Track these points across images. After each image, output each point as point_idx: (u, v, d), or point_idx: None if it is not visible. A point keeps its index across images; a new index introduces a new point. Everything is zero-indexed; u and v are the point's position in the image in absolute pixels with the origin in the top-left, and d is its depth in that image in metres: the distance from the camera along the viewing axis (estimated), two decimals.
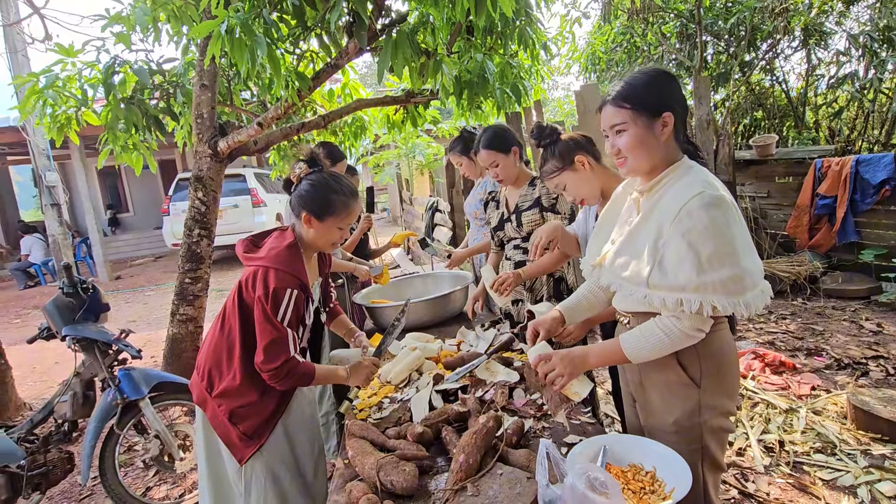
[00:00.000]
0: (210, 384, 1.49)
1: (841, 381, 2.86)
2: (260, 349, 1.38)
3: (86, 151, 9.45)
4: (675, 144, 1.15)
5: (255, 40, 2.44)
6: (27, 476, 2.05)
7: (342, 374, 1.52)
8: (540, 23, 3.43)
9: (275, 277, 1.38)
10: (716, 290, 1.01)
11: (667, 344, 1.09)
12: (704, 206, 1.01)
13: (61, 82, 3.50)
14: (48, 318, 2.24)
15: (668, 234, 1.06)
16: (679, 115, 1.12)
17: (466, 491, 1.05)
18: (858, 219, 4.43)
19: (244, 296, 1.44)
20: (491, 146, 2.02)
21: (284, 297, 1.38)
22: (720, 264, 1.01)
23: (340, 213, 1.49)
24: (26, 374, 4.54)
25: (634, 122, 1.11)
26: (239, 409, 1.45)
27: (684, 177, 1.11)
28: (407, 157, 8.93)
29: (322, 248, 1.56)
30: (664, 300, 1.05)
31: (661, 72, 1.15)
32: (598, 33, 7.48)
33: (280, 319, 1.38)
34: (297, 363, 1.41)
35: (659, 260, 1.07)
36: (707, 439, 1.15)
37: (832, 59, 6.39)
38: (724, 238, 1.01)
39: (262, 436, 1.46)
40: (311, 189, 1.49)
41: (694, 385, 1.14)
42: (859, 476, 2.04)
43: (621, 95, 1.12)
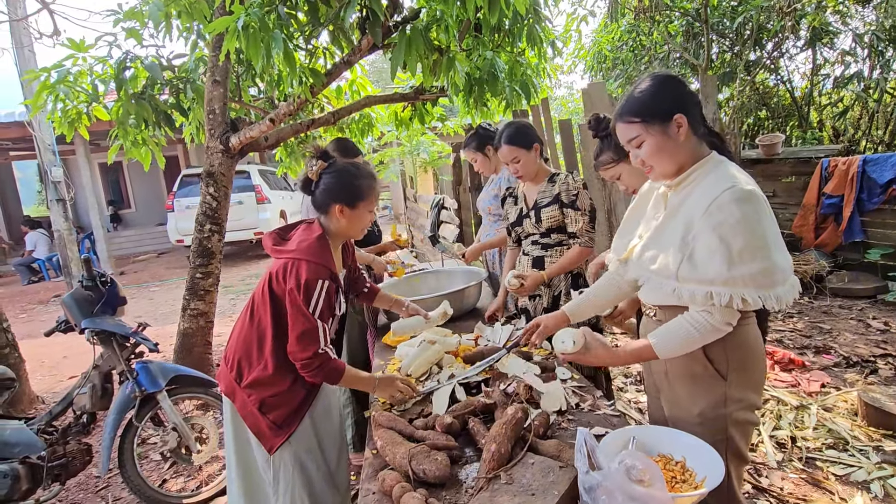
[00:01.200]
0: (239, 374, 1.50)
1: (850, 378, 2.88)
2: (292, 339, 1.41)
3: (90, 147, 9.45)
4: (697, 140, 1.15)
5: (271, 37, 2.46)
6: (47, 467, 2.07)
7: (371, 382, 1.52)
8: (548, 20, 3.45)
9: (306, 269, 1.41)
10: (746, 283, 1.02)
11: (696, 338, 1.11)
12: (736, 199, 1.02)
13: (72, 77, 3.51)
14: (67, 311, 2.25)
15: (698, 227, 1.07)
16: (692, 112, 1.13)
17: (500, 479, 1.06)
18: (865, 218, 4.45)
19: (275, 287, 1.46)
20: (513, 142, 2.03)
21: (316, 288, 1.40)
22: (751, 258, 1.01)
23: (369, 196, 1.53)
24: (35, 368, 4.55)
25: (648, 132, 1.13)
26: (269, 399, 1.48)
27: (713, 172, 1.12)
28: (411, 155, 8.92)
29: (354, 235, 1.60)
30: (693, 293, 1.07)
31: (662, 76, 1.16)
32: (605, 31, 7.48)
33: (312, 311, 1.40)
34: (328, 357, 1.44)
35: (689, 253, 1.08)
36: (731, 431, 1.16)
37: (837, 59, 6.40)
38: (755, 232, 1.02)
39: (291, 425, 1.48)
40: (337, 181, 1.51)
41: (720, 377, 1.15)
42: (872, 471, 2.06)
43: (628, 111, 1.15)
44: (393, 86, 4.52)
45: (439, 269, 2.92)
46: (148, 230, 12.94)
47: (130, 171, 13.88)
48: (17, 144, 10.46)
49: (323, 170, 1.53)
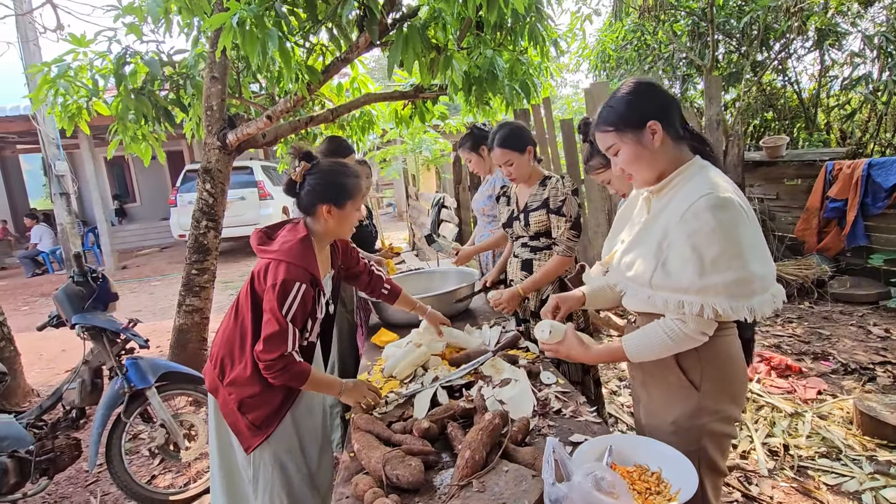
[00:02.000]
0: (222, 372, 1.51)
1: (847, 385, 2.84)
2: (261, 339, 1.40)
3: (94, 141, 9.50)
4: (675, 145, 1.13)
5: (267, 33, 2.45)
6: (35, 461, 2.08)
7: (337, 387, 1.51)
8: (550, 19, 3.41)
9: (285, 270, 1.40)
10: (718, 293, 0.99)
11: (669, 346, 1.09)
12: (711, 207, 1.00)
13: (73, 72, 3.52)
14: (58, 305, 2.26)
15: (673, 234, 1.05)
16: (667, 117, 1.10)
17: (472, 486, 1.05)
18: (869, 222, 4.39)
19: (256, 287, 1.46)
20: (506, 144, 1.99)
21: (292, 290, 1.39)
22: (725, 267, 0.99)
23: (356, 194, 1.52)
24: (33, 361, 4.59)
25: (622, 141, 1.12)
26: (248, 399, 1.47)
27: (694, 177, 1.09)
28: (413, 153, 8.92)
29: (343, 234, 1.59)
30: (666, 301, 1.05)
31: (636, 83, 1.14)
32: (609, 31, 7.42)
33: (284, 313, 1.39)
34: (293, 360, 1.42)
35: (663, 261, 1.06)
36: (705, 442, 1.14)
37: (846, 61, 6.31)
38: (729, 240, 0.99)
39: (269, 426, 1.48)
40: (322, 181, 1.49)
41: (693, 388, 1.13)
42: (864, 482, 2.03)
43: (602, 120, 1.15)
44: (395, 83, 4.51)
45: (433, 270, 2.90)
46: (152, 224, 13.01)
47: (136, 165, 13.96)
48: (24, 138, 10.54)
49: (307, 171, 1.51)
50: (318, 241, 1.54)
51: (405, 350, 1.81)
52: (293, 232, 1.51)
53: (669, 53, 6.91)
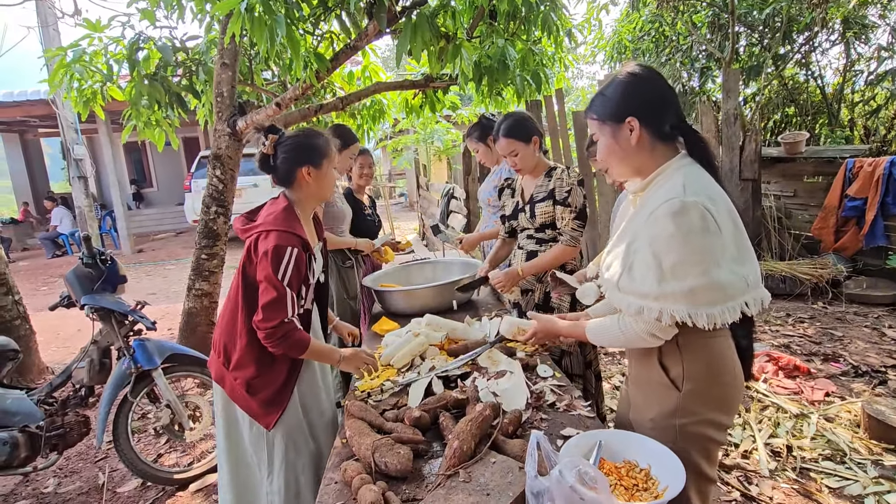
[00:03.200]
0: (227, 359, 1.53)
1: (857, 388, 2.79)
2: (260, 308, 1.41)
3: (112, 126, 9.65)
4: (660, 144, 1.09)
5: (275, 20, 2.44)
6: (46, 436, 2.15)
7: (335, 356, 1.55)
8: (565, 9, 3.35)
9: (275, 237, 1.42)
10: (676, 300, 0.98)
11: (620, 339, 1.13)
12: (671, 213, 0.97)
13: (88, 57, 3.56)
14: (68, 286, 2.31)
15: (639, 238, 1.04)
16: (647, 116, 1.06)
17: (458, 476, 1.05)
18: (889, 222, 4.27)
19: (247, 268, 1.48)
20: (511, 134, 1.97)
21: (285, 255, 1.41)
22: (684, 274, 0.97)
23: (330, 152, 1.56)
24: (50, 339, 4.72)
25: (601, 132, 1.11)
26: (254, 381, 1.50)
27: (670, 178, 1.06)
28: (425, 143, 8.89)
29: (325, 194, 1.61)
30: (629, 305, 1.06)
31: (626, 74, 1.10)
32: (626, 21, 7.27)
33: (281, 278, 1.40)
34: (294, 327, 1.44)
35: (630, 265, 1.06)
36: (685, 444, 1.09)
37: (873, 55, 6.10)
38: (688, 247, 0.96)
39: (281, 402, 1.52)
40: (296, 145, 1.52)
41: (674, 387, 1.10)
42: (868, 486, 1.99)
43: (590, 107, 1.15)
44: (407, 72, 4.48)
45: (437, 260, 2.91)
46: (168, 209, 13.22)
47: (153, 151, 14.16)
48: (45, 122, 10.75)
49: (276, 142, 1.54)
50: (301, 211, 1.57)
51: (404, 339, 1.82)
52: (275, 205, 1.54)
53: (688, 45, 6.75)
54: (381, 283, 2.50)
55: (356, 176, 2.85)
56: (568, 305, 2.04)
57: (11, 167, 12.74)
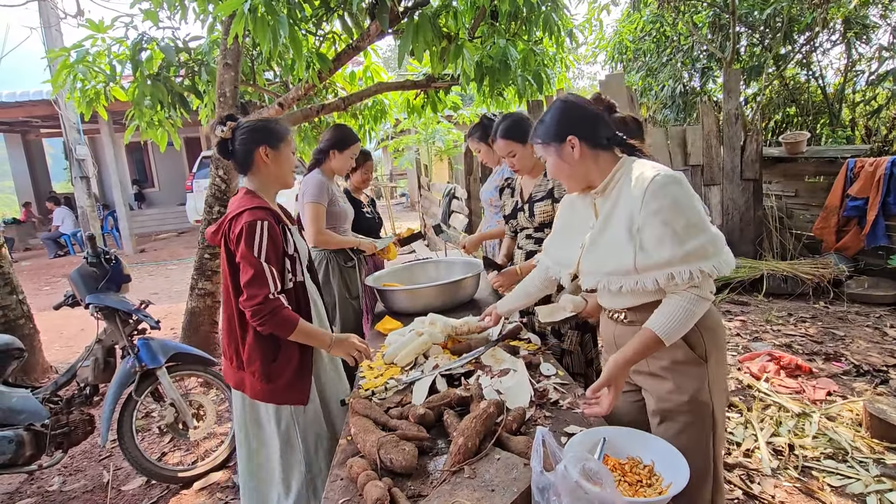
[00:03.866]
0: (238, 360, 1.53)
1: (858, 387, 2.79)
2: (243, 288, 1.41)
3: (114, 126, 9.68)
4: (602, 154, 1.23)
5: (278, 20, 2.46)
6: (50, 435, 2.16)
7: (326, 339, 1.54)
8: (566, 9, 3.36)
9: (245, 215, 1.43)
10: (699, 257, 1.08)
11: (694, 313, 1.13)
12: (666, 184, 1.10)
13: (91, 57, 3.57)
14: (73, 285, 2.33)
15: (640, 218, 1.12)
16: (584, 132, 1.21)
17: (463, 473, 1.06)
18: (890, 222, 4.27)
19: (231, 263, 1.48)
20: (508, 135, 1.98)
21: (257, 228, 1.42)
22: (696, 233, 1.09)
23: (287, 136, 1.57)
24: (53, 338, 4.74)
25: (547, 152, 1.26)
26: (270, 367, 1.51)
27: (634, 169, 1.18)
28: (426, 143, 8.90)
29: (284, 179, 1.60)
30: (656, 279, 1.11)
31: (560, 102, 1.26)
32: (627, 21, 7.27)
33: (257, 253, 1.41)
34: (279, 304, 1.43)
35: (639, 244, 1.12)
36: (717, 414, 1.22)
37: (874, 55, 6.10)
38: (691, 209, 1.10)
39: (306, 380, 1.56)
40: (253, 128, 1.54)
41: (702, 361, 1.20)
42: (870, 484, 2.00)
43: (535, 133, 1.29)
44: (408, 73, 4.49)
45: (440, 259, 2.91)
46: (170, 209, 13.24)
47: (154, 151, 14.18)
48: (47, 122, 10.78)
49: (234, 127, 1.55)
50: (264, 194, 1.57)
51: (407, 338, 1.83)
52: (235, 197, 1.57)
53: (689, 45, 6.75)
54: (384, 283, 2.51)
55: (356, 178, 2.88)
56: None
57: (14, 167, 12.77)
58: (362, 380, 1.68)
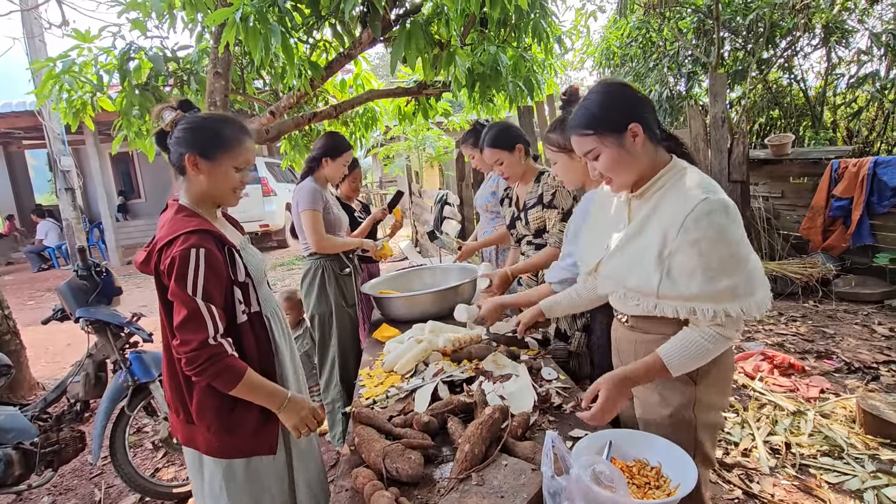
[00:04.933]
0: (187, 413, 1.26)
1: (851, 385, 2.83)
2: (175, 329, 1.15)
3: (100, 137, 9.55)
4: (655, 147, 1.12)
5: (270, 28, 2.45)
6: (40, 453, 2.10)
7: (277, 398, 1.25)
8: (555, 16, 3.40)
9: (177, 244, 1.15)
10: (728, 298, 1.01)
11: (711, 350, 1.07)
12: (711, 212, 1.00)
13: (77, 67, 3.53)
14: (62, 299, 2.28)
15: (675, 243, 1.03)
16: (647, 119, 1.09)
17: (471, 480, 1.05)
18: (874, 221, 4.36)
19: (166, 300, 1.21)
20: (494, 144, 1.99)
21: (190, 259, 1.14)
22: (732, 272, 1.00)
23: (233, 147, 1.24)
24: (39, 354, 4.63)
25: (603, 144, 1.09)
26: (232, 415, 1.25)
27: (680, 181, 1.08)
28: (417, 150, 8.91)
29: (221, 198, 1.30)
30: (677, 310, 1.06)
31: (612, 85, 1.12)
32: (614, 27, 7.38)
33: (191, 290, 1.13)
34: (220, 350, 1.15)
35: (667, 270, 1.05)
36: (700, 434, 1.16)
37: (853, 58, 6.26)
38: (731, 245, 1.00)
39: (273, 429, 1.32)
40: (191, 126, 1.24)
41: (691, 382, 1.14)
42: (866, 480, 2.02)
43: (581, 123, 1.11)
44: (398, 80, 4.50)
45: (435, 266, 2.91)
46: (157, 220, 13.04)
47: (141, 161, 14.01)
48: (29, 133, 10.61)
49: (179, 119, 1.26)
50: (201, 209, 1.29)
51: (406, 345, 1.81)
52: (165, 214, 1.29)
53: (675, 51, 6.87)
54: (380, 290, 2.49)
55: (345, 187, 2.90)
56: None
57: None
58: (363, 389, 1.67)
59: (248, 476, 1.31)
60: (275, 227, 9.61)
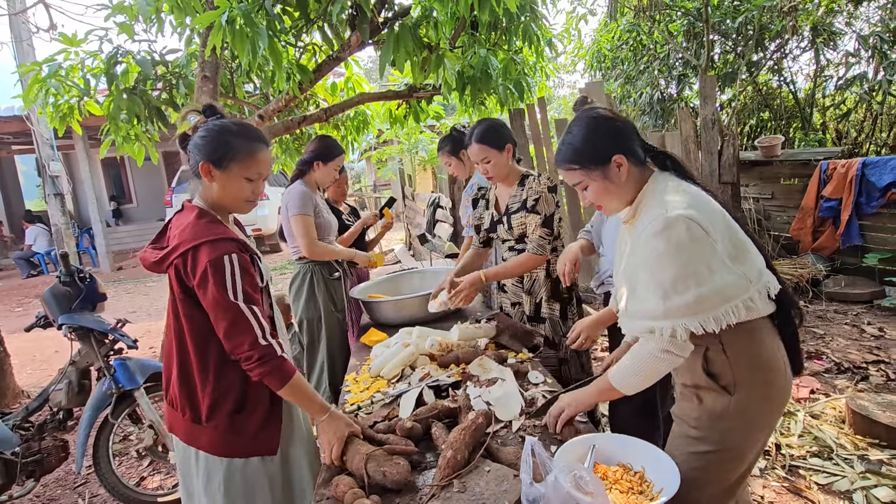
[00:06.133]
0: (194, 412, 1.28)
1: (840, 385, 2.84)
2: (223, 336, 1.19)
3: (89, 142, 9.48)
4: (640, 171, 1.14)
5: (257, 32, 2.43)
6: (21, 463, 2.06)
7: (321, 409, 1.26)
8: (545, 19, 3.41)
9: (206, 251, 1.17)
10: (684, 313, 1.00)
11: (643, 369, 1.08)
12: (656, 232, 1.01)
13: (64, 72, 3.50)
14: (45, 306, 2.25)
15: (635, 261, 1.07)
16: (628, 148, 1.12)
17: (453, 486, 1.04)
18: (863, 222, 4.39)
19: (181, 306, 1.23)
20: (484, 140, 1.92)
21: (225, 266, 1.17)
22: (684, 288, 0.99)
23: (244, 158, 1.25)
24: (26, 362, 4.57)
25: (590, 177, 1.13)
26: (238, 416, 1.28)
27: (653, 198, 1.09)
28: (409, 153, 8.90)
29: (232, 206, 1.31)
30: (641, 328, 1.07)
31: (593, 118, 1.14)
32: (605, 30, 7.42)
33: (233, 296, 1.16)
34: (272, 350, 1.20)
35: (633, 288, 1.08)
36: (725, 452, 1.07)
37: (841, 60, 6.32)
38: (681, 260, 0.99)
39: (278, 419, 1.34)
40: (207, 134, 1.26)
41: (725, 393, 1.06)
42: (855, 481, 2.02)
43: (566, 158, 1.15)
44: (390, 83, 4.50)
45: (425, 269, 2.89)
46: (149, 225, 12.97)
47: (132, 166, 13.94)
48: (18, 138, 10.51)
49: (202, 124, 1.28)
50: (219, 214, 1.31)
51: (393, 350, 1.80)
52: (182, 217, 1.28)
53: (665, 53, 6.91)
54: (369, 295, 2.48)
55: (332, 192, 2.89)
56: (559, 313, 2.03)
57: None
58: (348, 394, 1.65)
59: (245, 476, 1.31)
60: (267, 231, 9.57)
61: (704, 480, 1.07)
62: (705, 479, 1.07)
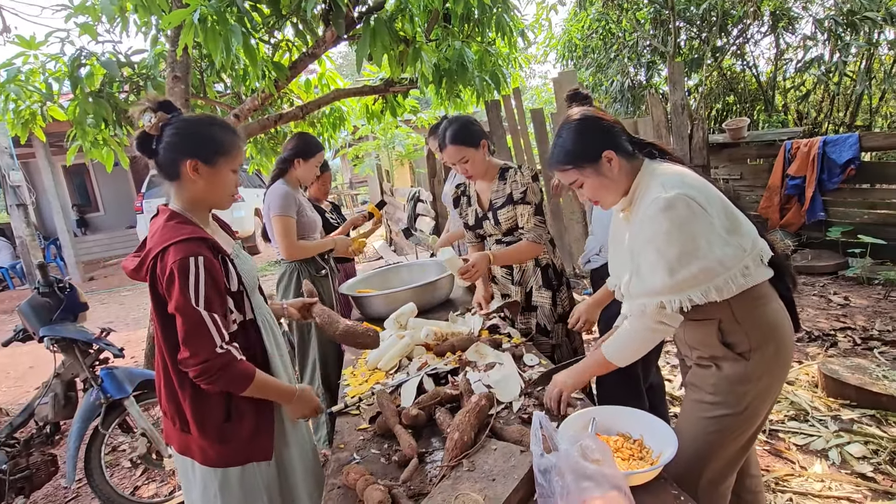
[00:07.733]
0: (183, 423, 1.24)
1: (812, 352, 2.99)
2: (181, 344, 1.12)
3: (51, 149, 9.10)
4: (631, 162, 1.20)
5: (230, 29, 2.39)
6: (9, 480, 2.01)
7: (289, 393, 1.27)
8: (517, 10, 3.44)
9: (172, 252, 1.13)
10: (690, 286, 1.07)
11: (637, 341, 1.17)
12: (659, 211, 1.07)
13: (24, 76, 3.36)
14: (24, 319, 2.18)
15: (637, 242, 1.13)
16: (617, 142, 1.18)
17: (462, 466, 1.07)
18: (826, 198, 4.60)
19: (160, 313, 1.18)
20: (459, 141, 1.86)
21: (190, 268, 1.12)
22: (689, 262, 1.06)
23: (231, 150, 1.23)
24: (0, 379, 4.40)
25: (583, 175, 1.20)
26: (225, 428, 1.24)
27: (648, 184, 1.16)
28: (386, 148, 8.87)
29: (218, 202, 1.28)
30: (645, 306, 1.12)
31: (580, 120, 1.21)
32: (574, 20, 7.52)
33: (194, 300, 1.11)
34: (229, 358, 1.14)
35: (636, 269, 1.13)
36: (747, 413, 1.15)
37: (799, 44, 6.57)
38: (685, 237, 1.06)
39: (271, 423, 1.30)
40: (185, 131, 1.20)
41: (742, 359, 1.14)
42: (830, 440, 2.15)
43: (559, 160, 1.22)
44: (364, 79, 4.47)
45: (411, 263, 2.91)
46: (118, 233, 12.54)
47: (98, 172, 13.41)
48: None
49: (165, 122, 1.20)
50: (193, 212, 1.25)
51: (389, 342, 1.82)
52: (156, 221, 1.25)
53: (634, 41, 7.05)
54: (358, 290, 2.48)
55: (314, 190, 2.87)
56: (549, 300, 2.06)
57: None
58: (347, 387, 1.66)
59: (243, 484, 1.29)
60: (244, 233, 9.39)
61: (718, 444, 1.15)
62: (719, 441, 1.15)
